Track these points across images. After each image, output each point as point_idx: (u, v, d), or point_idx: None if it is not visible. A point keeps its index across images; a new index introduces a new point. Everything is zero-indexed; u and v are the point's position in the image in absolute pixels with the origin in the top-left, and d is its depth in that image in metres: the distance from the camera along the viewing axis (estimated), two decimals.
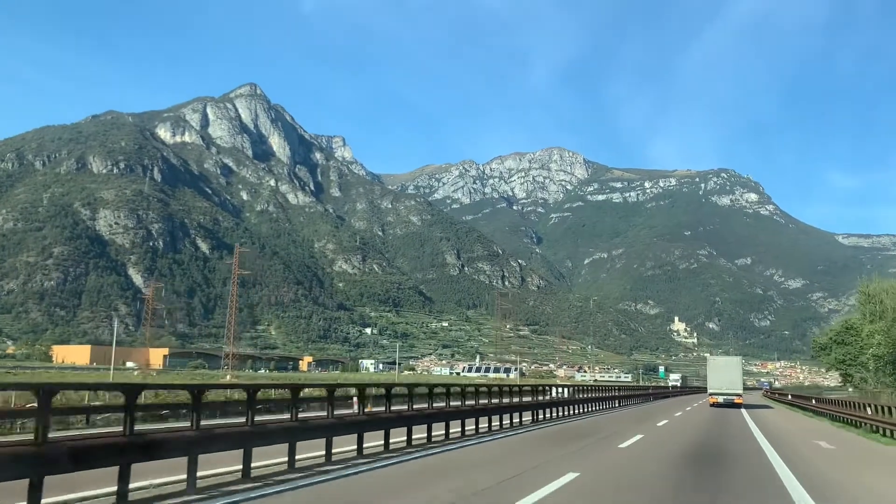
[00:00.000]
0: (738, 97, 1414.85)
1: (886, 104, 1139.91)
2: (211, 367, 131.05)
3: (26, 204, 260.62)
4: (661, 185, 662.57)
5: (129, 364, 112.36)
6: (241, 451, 11.46)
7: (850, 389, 65.92)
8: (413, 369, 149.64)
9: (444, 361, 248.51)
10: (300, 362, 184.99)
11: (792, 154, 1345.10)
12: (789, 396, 65.58)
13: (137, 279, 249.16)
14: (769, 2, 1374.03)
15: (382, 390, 17.87)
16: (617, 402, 50.64)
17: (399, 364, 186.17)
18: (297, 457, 13.03)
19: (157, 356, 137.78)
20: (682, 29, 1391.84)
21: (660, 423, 30.23)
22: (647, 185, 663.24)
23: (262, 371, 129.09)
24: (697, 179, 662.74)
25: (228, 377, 77.93)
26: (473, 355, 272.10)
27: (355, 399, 21.63)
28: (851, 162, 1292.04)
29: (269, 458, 13.12)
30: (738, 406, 50.59)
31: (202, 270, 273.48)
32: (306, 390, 31.36)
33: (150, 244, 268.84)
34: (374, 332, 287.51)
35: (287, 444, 12.85)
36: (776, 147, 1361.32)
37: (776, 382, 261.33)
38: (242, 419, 12.23)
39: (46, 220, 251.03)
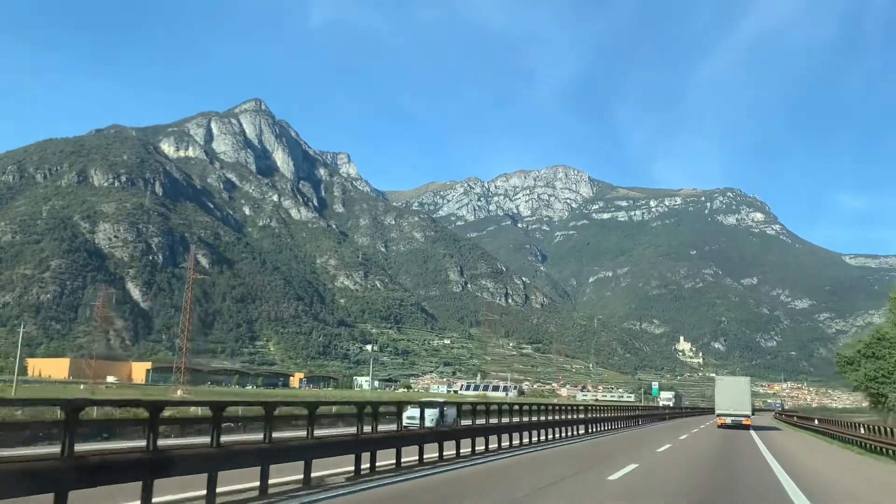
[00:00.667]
0: (745, 117, 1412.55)
1: (894, 125, 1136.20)
2: (194, 381, 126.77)
3: (25, 216, 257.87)
4: (667, 203, 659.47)
5: (110, 378, 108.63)
6: None
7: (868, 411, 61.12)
8: (409, 387, 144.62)
9: (444, 379, 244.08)
10: (291, 378, 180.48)
11: (798, 174, 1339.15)
12: (816, 421, 52.90)
13: (136, 293, 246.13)
14: (776, 23, 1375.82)
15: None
16: (582, 428, 36.97)
17: (396, 381, 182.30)
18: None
19: (139, 371, 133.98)
20: (688, 49, 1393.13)
21: (616, 476, 16.92)
22: (652, 203, 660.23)
23: (249, 388, 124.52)
24: (703, 198, 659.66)
25: (179, 393, 72.69)
26: (475, 373, 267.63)
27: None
28: (858, 182, 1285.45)
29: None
30: (747, 428, 48.82)
31: (202, 285, 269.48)
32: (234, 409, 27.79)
33: (150, 258, 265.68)
34: (375, 348, 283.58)
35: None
36: (782, 167, 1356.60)
37: (783, 403, 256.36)
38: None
39: (45, 232, 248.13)
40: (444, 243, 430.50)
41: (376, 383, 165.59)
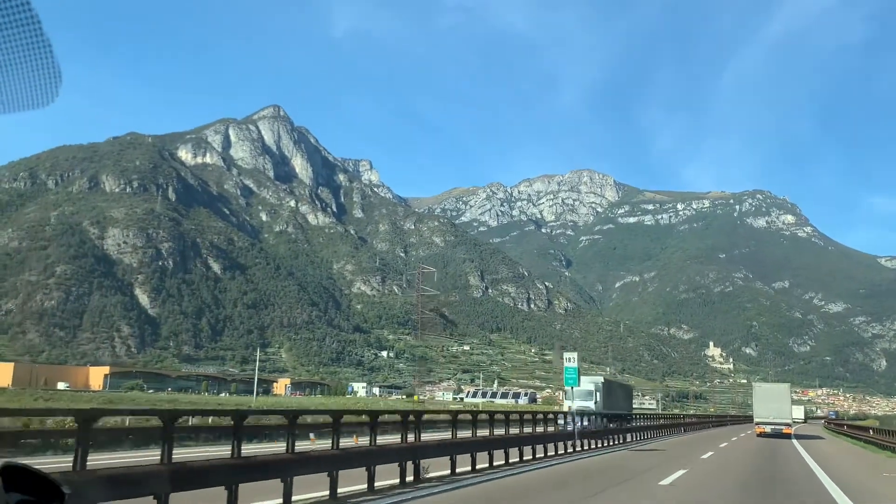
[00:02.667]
0: (774, 118, 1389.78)
1: None
2: (155, 387, 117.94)
3: (34, 223, 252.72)
4: (695, 206, 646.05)
5: (60, 385, 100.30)
6: None
7: None
8: (410, 394, 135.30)
9: (452, 386, 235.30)
10: (274, 385, 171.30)
11: (830, 175, 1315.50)
12: None
13: (144, 299, 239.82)
14: (804, 22, 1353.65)
15: None
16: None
17: (399, 388, 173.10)
18: None
19: (97, 375, 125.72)
20: (714, 49, 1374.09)
21: None
22: (679, 207, 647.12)
23: (224, 395, 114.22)
24: (732, 201, 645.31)
25: None
26: (495, 380, 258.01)
27: None
28: (894, 183, 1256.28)
29: None
30: (787, 437, 46.02)
31: (212, 291, 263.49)
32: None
33: (159, 263, 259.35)
34: (391, 355, 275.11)
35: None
36: (814, 168, 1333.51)
37: (818, 411, 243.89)
38: None
39: (53, 238, 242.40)
40: (464, 248, 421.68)
41: (376, 390, 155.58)
